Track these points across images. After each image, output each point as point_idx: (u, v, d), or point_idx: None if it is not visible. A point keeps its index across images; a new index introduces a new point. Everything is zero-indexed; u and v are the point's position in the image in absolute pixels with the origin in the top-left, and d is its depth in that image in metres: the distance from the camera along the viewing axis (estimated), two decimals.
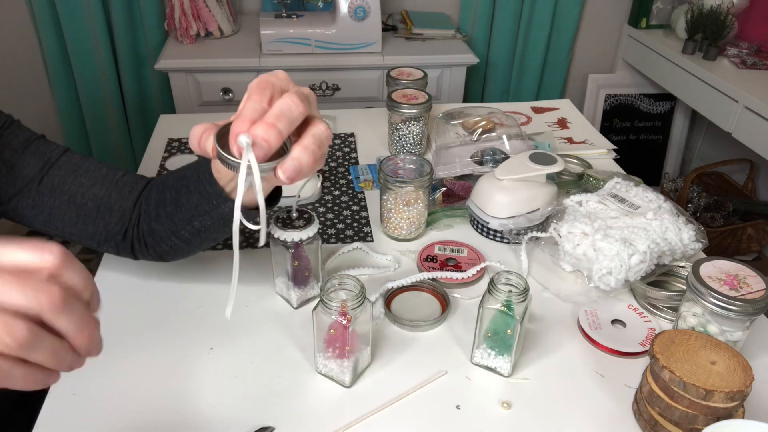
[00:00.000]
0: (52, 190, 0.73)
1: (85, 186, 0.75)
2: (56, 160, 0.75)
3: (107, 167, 0.77)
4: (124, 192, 0.76)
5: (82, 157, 0.77)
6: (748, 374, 0.60)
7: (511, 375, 0.73)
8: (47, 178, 0.73)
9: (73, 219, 0.75)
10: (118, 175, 0.77)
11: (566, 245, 0.85)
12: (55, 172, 0.74)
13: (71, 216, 0.74)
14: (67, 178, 0.74)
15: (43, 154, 0.74)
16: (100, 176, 0.76)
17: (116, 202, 0.75)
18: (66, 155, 0.76)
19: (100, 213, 0.75)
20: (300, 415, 0.67)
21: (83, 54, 2.01)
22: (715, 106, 1.85)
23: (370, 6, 1.82)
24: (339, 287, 0.69)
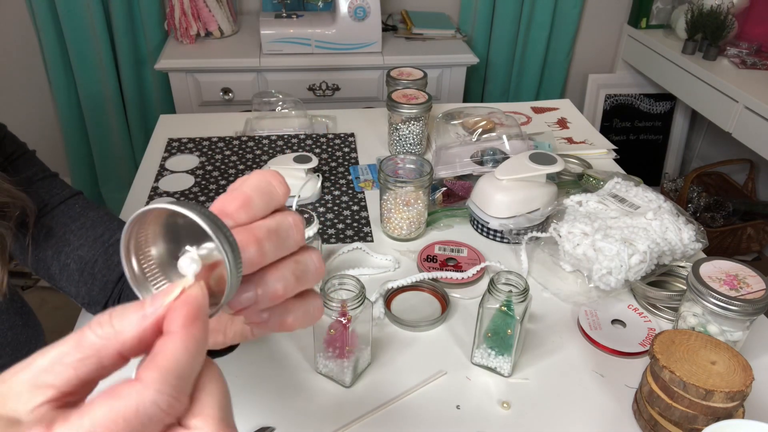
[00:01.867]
0: (37, 241, 0.66)
1: (73, 245, 0.67)
2: (53, 208, 0.68)
3: (105, 225, 0.69)
4: (112, 261, 0.68)
5: (84, 208, 0.69)
6: (748, 374, 0.60)
7: (511, 375, 0.73)
8: (35, 229, 0.66)
9: (57, 275, 0.68)
10: (115, 237, 0.69)
11: (566, 245, 0.85)
12: (46, 222, 0.67)
13: (55, 271, 0.68)
14: (56, 230, 0.67)
15: (42, 198, 0.67)
16: (93, 237, 0.68)
17: (100, 271, 0.67)
18: (66, 204, 0.68)
19: (82, 278, 0.67)
20: (300, 415, 0.68)
21: (83, 54, 2.01)
22: (715, 106, 1.85)
23: (370, 6, 1.82)
24: (339, 287, 0.69)
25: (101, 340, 0.26)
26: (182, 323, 0.26)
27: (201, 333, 0.27)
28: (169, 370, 0.25)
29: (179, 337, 0.26)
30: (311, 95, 1.91)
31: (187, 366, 0.26)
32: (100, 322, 0.26)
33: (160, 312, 0.26)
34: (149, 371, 0.25)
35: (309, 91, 1.90)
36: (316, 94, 1.91)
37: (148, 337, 0.26)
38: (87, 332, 0.26)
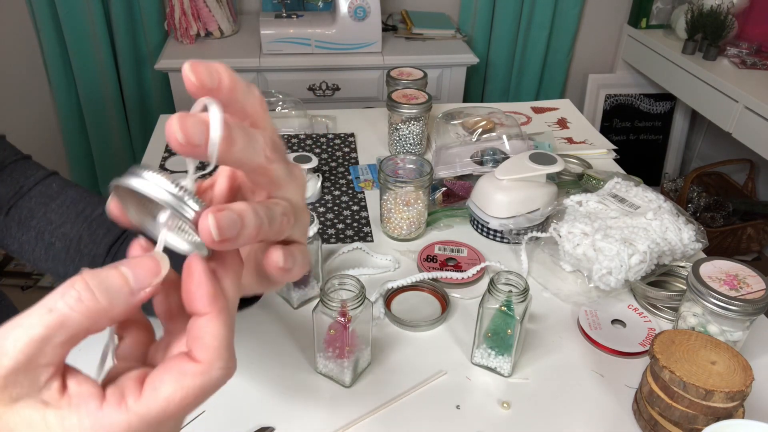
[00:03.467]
0: (19, 223, 0.65)
1: (55, 224, 0.65)
2: (29, 189, 0.66)
3: (86, 201, 0.67)
4: (98, 235, 0.66)
5: (61, 187, 0.68)
6: (748, 374, 0.60)
7: (511, 375, 0.73)
8: (14, 210, 0.65)
9: (43, 257, 0.66)
10: (97, 212, 0.67)
11: (566, 245, 0.85)
12: (25, 203, 0.65)
13: (40, 253, 0.66)
14: (36, 211, 0.65)
15: (17, 181, 0.66)
16: (74, 213, 0.66)
17: (87, 245, 0.66)
18: (42, 184, 0.67)
19: (69, 255, 0.66)
20: (300, 415, 0.68)
21: (83, 54, 2.01)
22: (715, 106, 1.85)
23: (370, 6, 1.82)
24: (339, 287, 0.69)
25: (89, 319, 0.27)
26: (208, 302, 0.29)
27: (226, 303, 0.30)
28: (220, 348, 0.28)
29: (215, 316, 0.29)
30: (311, 95, 1.91)
31: (230, 336, 0.29)
32: (81, 298, 0.26)
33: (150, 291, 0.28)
34: (204, 352, 0.28)
35: (309, 91, 1.90)
36: (316, 94, 1.91)
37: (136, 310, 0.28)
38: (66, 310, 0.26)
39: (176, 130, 0.27)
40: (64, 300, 0.26)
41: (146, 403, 0.27)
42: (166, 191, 0.28)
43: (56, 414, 0.26)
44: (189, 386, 0.28)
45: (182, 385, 0.27)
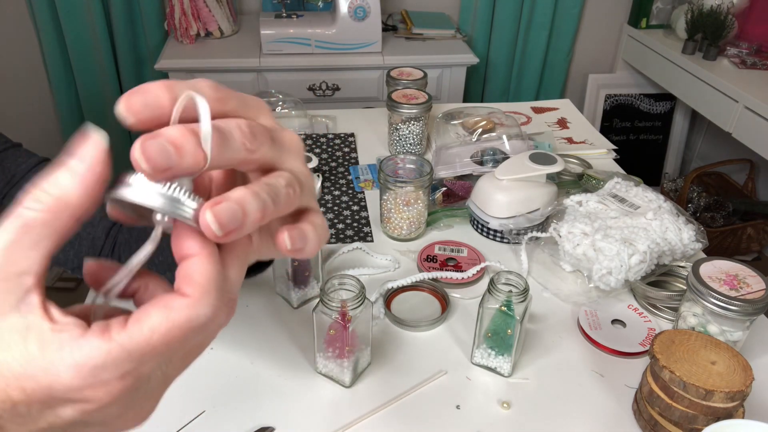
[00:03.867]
0: None
1: None
2: (20, 177, 0.66)
3: None
4: (95, 217, 0.66)
5: None
6: (748, 374, 0.60)
7: (511, 375, 0.73)
8: (7, 200, 0.65)
9: None
10: None
11: (566, 245, 0.85)
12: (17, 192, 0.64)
13: None
14: None
15: (8, 169, 0.66)
16: None
17: (85, 228, 0.66)
18: (34, 171, 0.67)
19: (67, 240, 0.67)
20: (300, 415, 0.68)
21: (83, 54, 2.01)
22: (715, 106, 1.85)
23: (370, 6, 1.82)
24: (339, 287, 0.69)
25: (48, 214, 0.26)
26: (198, 244, 0.28)
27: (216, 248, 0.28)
28: (209, 286, 0.27)
29: (204, 257, 0.28)
30: (311, 95, 1.91)
31: (221, 279, 0.28)
32: (36, 197, 0.26)
33: (99, 168, 0.26)
34: (191, 288, 0.27)
35: (309, 91, 1.90)
36: (316, 94, 1.91)
37: (93, 192, 0.27)
38: (27, 212, 0.26)
39: (141, 160, 0.26)
40: (23, 205, 0.26)
41: (129, 333, 0.26)
42: (159, 195, 0.27)
43: (37, 337, 0.25)
44: (174, 319, 0.26)
45: (168, 317, 0.26)
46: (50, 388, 0.25)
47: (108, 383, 0.26)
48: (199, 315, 0.27)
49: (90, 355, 0.25)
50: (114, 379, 0.26)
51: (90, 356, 0.25)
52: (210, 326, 0.28)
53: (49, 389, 0.25)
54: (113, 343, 0.26)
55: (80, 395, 0.26)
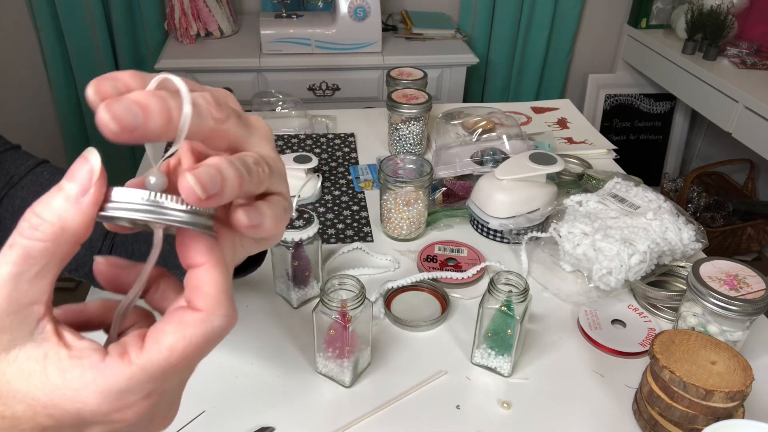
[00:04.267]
0: (13, 214, 0.64)
1: None
2: (20, 179, 0.66)
3: None
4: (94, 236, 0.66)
5: (53, 174, 0.68)
6: (748, 374, 0.60)
7: (511, 375, 0.73)
8: (7, 200, 0.65)
9: None
10: None
11: (566, 245, 0.85)
12: (17, 193, 0.65)
13: None
14: (29, 200, 0.64)
15: (7, 171, 0.66)
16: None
17: None
18: (34, 172, 0.67)
19: None
20: (300, 415, 0.67)
21: (83, 54, 2.01)
22: (715, 106, 1.85)
23: (370, 6, 1.82)
24: (339, 287, 0.69)
25: (50, 243, 0.26)
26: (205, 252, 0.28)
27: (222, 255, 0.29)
28: (219, 296, 0.28)
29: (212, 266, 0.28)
30: (311, 95, 1.91)
31: (228, 286, 0.29)
32: (33, 225, 0.26)
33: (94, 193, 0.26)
34: (203, 301, 0.28)
35: (309, 91, 1.90)
36: (316, 94, 1.91)
37: (91, 216, 0.27)
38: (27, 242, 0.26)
39: (107, 120, 0.25)
40: (20, 233, 0.26)
41: (149, 355, 0.26)
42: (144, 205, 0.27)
43: (57, 366, 0.26)
44: (191, 335, 0.27)
45: (184, 334, 0.27)
46: (78, 414, 0.26)
47: (135, 404, 0.27)
48: (214, 327, 0.28)
49: (114, 381, 0.26)
50: (139, 399, 0.27)
51: (114, 382, 0.26)
52: (224, 334, 0.29)
53: (77, 415, 0.26)
54: (134, 367, 0.26)
55: (108, 418, 0.27)
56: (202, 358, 0.28)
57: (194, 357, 0.28)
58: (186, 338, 0.27)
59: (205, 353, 0.28)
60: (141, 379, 0.26)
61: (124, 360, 0.26)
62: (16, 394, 0.25)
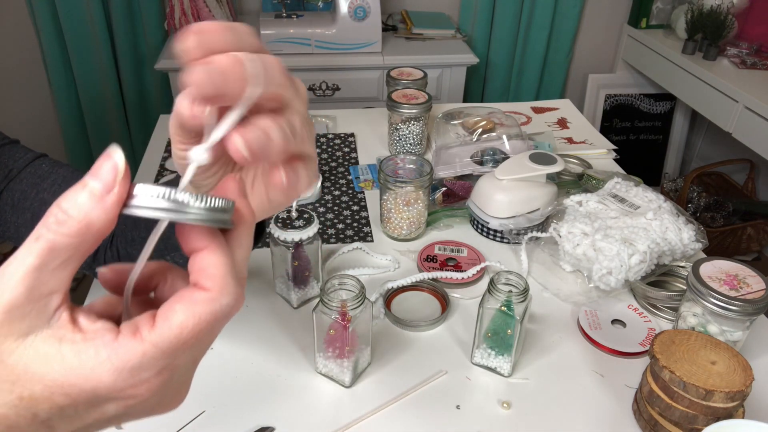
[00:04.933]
0: (13, 206, 0.65)
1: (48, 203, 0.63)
2: (18, 172, 0.67)
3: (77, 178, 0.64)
4: None
5: (52, 167, 0.68)
6: (748, 374, 0.60)
7: (511, 375, 0.73)
8: (6, 193, 0.65)
9: None
10: None
11: (566, 245, 0.85)
12: (16, 186, 0.65)
13: None
14: (28, 193, 0.65)
15: (5, 164, 0.66)
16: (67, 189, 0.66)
17: None
18: (33, 165, 0.67)
19: None
20: (300, 415, 0.67)
21: (83, 54, 2.01)
22: (715, 106, 1.85)
23: (370, 6, 1.82)
24: (339, 287, 0.69)
25: (75, 238, 0.27)
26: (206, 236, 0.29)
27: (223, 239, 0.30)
28: (226, 276, 0.29)
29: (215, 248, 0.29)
30: (311, 95, 1.91)
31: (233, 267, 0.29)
32: (60, 220, 0.27)
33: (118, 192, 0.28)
34: (210, 281, 0.28)
35: (309, 91, 1.90)
36: (316, 94, 1.91)
37: (114, 214, 0.28)
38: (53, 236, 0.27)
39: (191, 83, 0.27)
40: (46, 226, 0.27)
41: (160, 332, 0.27)
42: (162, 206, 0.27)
43: (72, 348, 0.27)
44: (200, 313, 0.28)
45: (194, 312, 0.28)
46: (94, 392, 0.27)
47: (147, 381, 0.28)
48: (222, 306, 0.28)
49: (127, 358, 0.27)
50: (152, 376, 0.28)
51: (127, 359, 0.27)
52: (233, 312, 0.29)
53: (93, 392, 0.27)
54: (146, 344, 0.27)
55: (123, 394, 0.28)
56: (211, 337, 0.29)
57: (204, 335, 0.28)
58: (195, 316, 0.28)
59: (215, 332, 0.29)
60: (153, 356, 0.27)
61: (136, 338, 0.27)
62: (33, 376, 0.26)
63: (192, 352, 0.29)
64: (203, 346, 0.30)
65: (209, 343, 0.31)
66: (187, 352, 0.29)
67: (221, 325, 0.29)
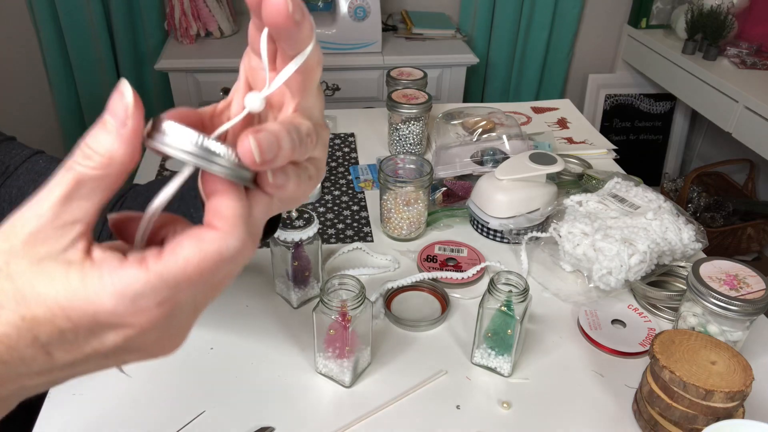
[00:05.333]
0: (11, 203, 0.65)
1: None
2: (15, 168, 0.67)
3: None
4: None
5: (49, 163, 0.68)
6: (748, 374, 0.60)
7: (511, 375, 0.73)
8: (4, 190, 0.65)
9: None
10: None
11: (566, 245, 0.85)
12: (13, 182, 0.66)
13: None
14: (26, 189, 0.65)
15: (2, 161, 0.67)
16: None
17: None
18: (30, 162, 0.67)
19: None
20: (300, 415, 0.67)
21: (83, 54, 2.01)
22: (715, 106, 1.85)
23: (370, 6, 1.82)
24: (339, 287, 0.69)
25: (99, 170, 0.28)
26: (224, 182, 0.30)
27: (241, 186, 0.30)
28: (237, 219, 0.29)
29: (229, 192, 0.30)
30: None
31: (247, 215, 0.30)
32: (86, 155, 0.28)
33: (134, 119, 0.28)
34: (221, 221, 0.29)
35: None
36: None
37: (135, 146, 0.29)
38: (80, 168, 0.28)
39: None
40: (74, 159, 0.28)
41: (165, 263, 0.28)
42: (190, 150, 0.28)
43: (78, 272, 0.28)
44: (207, 250, 0.28)
45: (200, 248, 0.28)
46: (95, 315, 0.27)
47: (148, 310, 0.28)
48: (229, 247, 0.29)
49: (129, 284, 0.27)
50: (153, 306, 0.28)
51: (129, 285, 0.27)
52: (238, 258, 0.30)
53: (94, 316, 0.28)
54: (150, 273, 0.28)
55: (122, 321, 0.28)
56: (215, 276, 0.29)
57: (208, 274, 0.29)
58: (201, 252, 0.28)
59: (219, 272, 0.29)
60: (156, 286, 0.28)
61: (141, 266, 0.28)
62: (38, 297, 0.27)
63: (195, 290, 0.29)
64: (206, 289, 0.31)
65: (211, 288, 0.31)
66: (190, 289, 0.29)
67: (227, 269, 0.30)
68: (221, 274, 0.30)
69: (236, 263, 0.30)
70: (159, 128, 0.28)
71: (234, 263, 0.30)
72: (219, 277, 0.30)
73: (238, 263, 0.30)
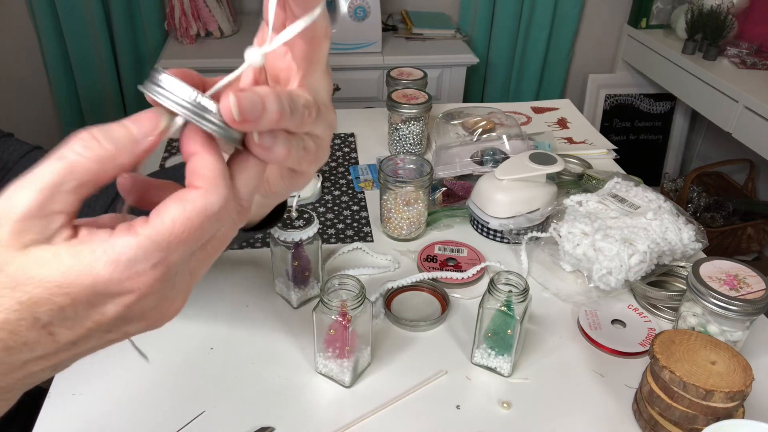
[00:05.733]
0: None
1: None
2: (14, 164, 0.67)
3: None
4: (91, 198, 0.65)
5: None
6: (748, 374, 0.60)
7: (511, 375, 0.73)
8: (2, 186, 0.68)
9: None
10: None
11: (566, 245, 0.85)
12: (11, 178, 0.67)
13: None
14: None
15: (0, 158, 0.67)
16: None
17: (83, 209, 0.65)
18: (27, 157, 0.68)
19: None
20: (300, 415, 0.67)
21: (83, 54, 2.01)
22: (715, 106, 1.85)
23: (370, 6, 1.82)
24: (339, 287, 0.69)
25: (97, 164, 0.28)
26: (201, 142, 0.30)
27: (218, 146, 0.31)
28: (216, 177, 0.30)
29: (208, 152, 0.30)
30: None
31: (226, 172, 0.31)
32: (88, 145, 0.28)
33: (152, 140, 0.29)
34: (201, 180, 0.30)
35: None
36: None
37: (141, 159, 0.30)
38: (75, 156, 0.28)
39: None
40: (72, 148, 0.28)
41: (153, 225, 0.28)
42: (183, 104, 0.29)
43: (68, 249, 0.28)
44: (191, 208, 0.29)
45: (184, 207, 0.29)
46: (93, 286, 0.28)
47: (144, 273, 0.29)
48: (212, 203, 0.29)
49: (122, 251, 0.28)
50: (148, 268, 0.29)
51: (122, 251, 0.28)
52: (222, 215, 0.30)
53: (92, 287, 0.28)
54: (141, 237, 0.28)
55: (120, 287, 0.28)
56: (203, 236, 0.30)
57: (195, 230, 0.29)
58: (186, 210, 0.29)
59: (206, 231, 0.30)
60: (147, 248, 0.28)
61: (131, 232, 0.28)
62: (32, 280, 0.28)
63: (185, 250, 0.30)
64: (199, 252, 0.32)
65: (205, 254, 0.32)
66: (180, 248, 0.29)
67: (213, 227, 0.30)
68: (208, 232, 0.30)
69: (221, 220, 0.31)
70: (157, 79, 0.29)
71: (219, 220, 0.30)
72: (206, 236, 0.31)
73: (222, 220, 0.31)
